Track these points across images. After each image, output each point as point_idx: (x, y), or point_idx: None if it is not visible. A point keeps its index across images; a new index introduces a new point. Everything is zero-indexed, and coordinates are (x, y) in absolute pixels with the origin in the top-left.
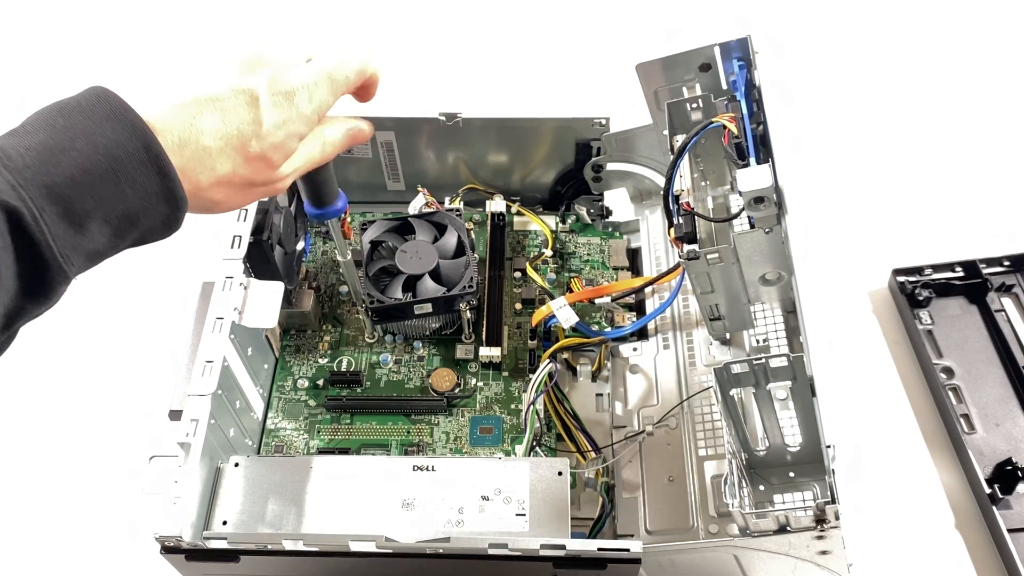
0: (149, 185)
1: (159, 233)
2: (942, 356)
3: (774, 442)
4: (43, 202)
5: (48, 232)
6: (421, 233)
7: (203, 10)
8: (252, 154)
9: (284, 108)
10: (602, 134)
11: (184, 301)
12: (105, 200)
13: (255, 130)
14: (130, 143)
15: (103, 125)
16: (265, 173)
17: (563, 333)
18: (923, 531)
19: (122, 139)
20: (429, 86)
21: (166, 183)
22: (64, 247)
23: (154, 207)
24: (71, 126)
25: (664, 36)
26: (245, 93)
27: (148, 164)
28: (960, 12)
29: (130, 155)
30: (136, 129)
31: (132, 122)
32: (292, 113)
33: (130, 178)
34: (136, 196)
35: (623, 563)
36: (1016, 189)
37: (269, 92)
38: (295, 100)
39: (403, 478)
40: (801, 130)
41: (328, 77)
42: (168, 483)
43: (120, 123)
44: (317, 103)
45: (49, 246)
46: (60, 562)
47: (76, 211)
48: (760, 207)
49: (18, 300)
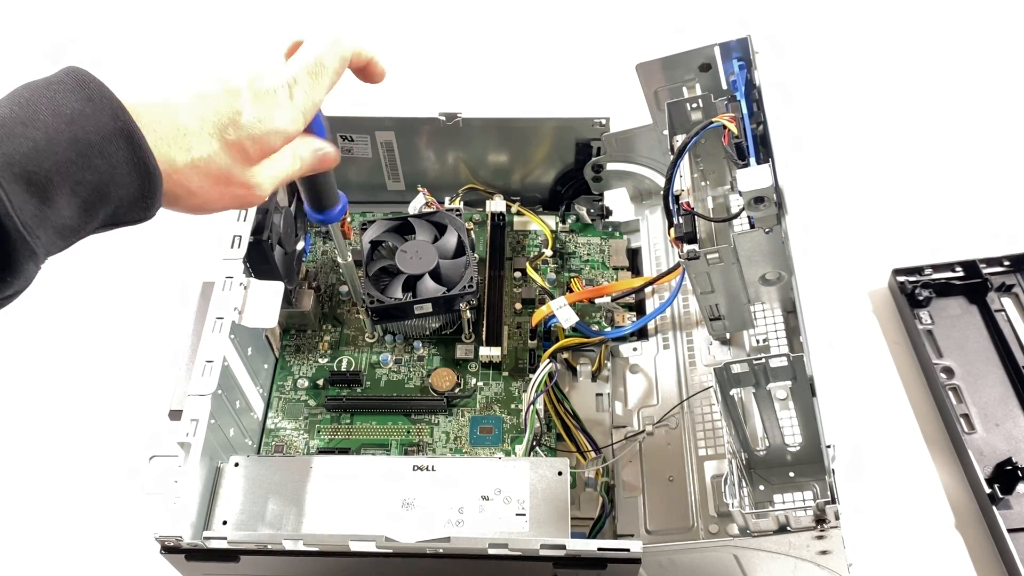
0: (118, 154)
1: (135, 211)
2: (942, 356)
3: (774, 442)
4: (2, 171)
5: (8, 200)
6: (421, 233)
7: (197, 14)
8: (229, 140)
9: (264, 105)
10: (602, 134)
11: (184, 301)
12: (70, 170)
13: (233, 118)
14: (98, 113)
15: (69, 97)
16: (241, 167)
17: (563, 333)
18: (923, 531)
19: (87, 109)
20: (429, 86)
21: (136, 153)
22: (27, 218)
23: (124, 178)
24: (36, 99)
25: (664, 36)
26: (225, 85)
27: (117, 133)
28: (960, 12)
29: (98, 125)
30: (104, 98)
31: (101, 93)
32: (272, 110)
33: (96, 147)
34: (105, 166)
35: (623, 563)
36: (1016, 189)
37: (249, 90)
38: (276, 97)
39: (403, 478)
40: (801, 130)
41: (307, 73)
42: (168, 483)
43: (87, 94)
44: (300, 100)
45: (9, 216)
46: (60, 562)
47: (39, 181)
48: (760, 207)
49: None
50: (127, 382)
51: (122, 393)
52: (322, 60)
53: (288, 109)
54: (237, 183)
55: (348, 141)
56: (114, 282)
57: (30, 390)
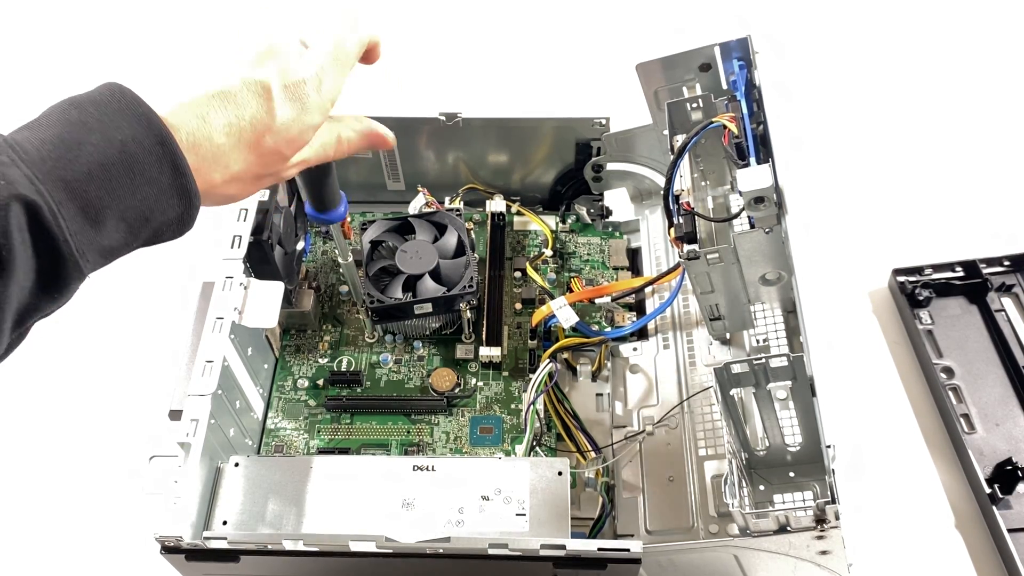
0: (163, 180)
1: (172, 231)
2: (942, 356)
3: (774, 442)
4: (61, 196)
5: (66, 227)
6: (421, 233)
7: (209, 7)
8: (266, 149)
9: (296, 101)
10: (602, 134)
11: (184, 301)
12: (121, 195)
13: (268, 123)
14: (145, 138)
15: (118, 119)
16: (276, 166)
17: (563, 333)
18: (923, 531)
19: (137, 134)
20: (429, 86)
21: (180, 180)
22: (81, 243)
23: (167, 204)
24: (85, 120)
25: (664, 36)
26: (256, 85)
27: (163, 159)
28: (960, 12)
29: (145, 150)
30: (151, 124)
31: (147, 117)
32: (305, 105)
33: (145, 174)
34: (151, 192)
35: (623, 563)
36: (1016, 189)
37: (281, 84)
38: (306, 90)
39: (403, 478)
40: (801, 130)
41: (333, 60)
42: (168, 483)
43: (135, 118)
44: (328, 90)
45: (67, 241)
46: (60, 562)
47: (93, 206)
48: (760, 207)
49: (33, 296)
50: (127, 382)
51: (122, 393)
52: (343, 45)
53: (317, 102)
54: (268, 178)
55: None
56: (114, 282)
57: (30, 390)
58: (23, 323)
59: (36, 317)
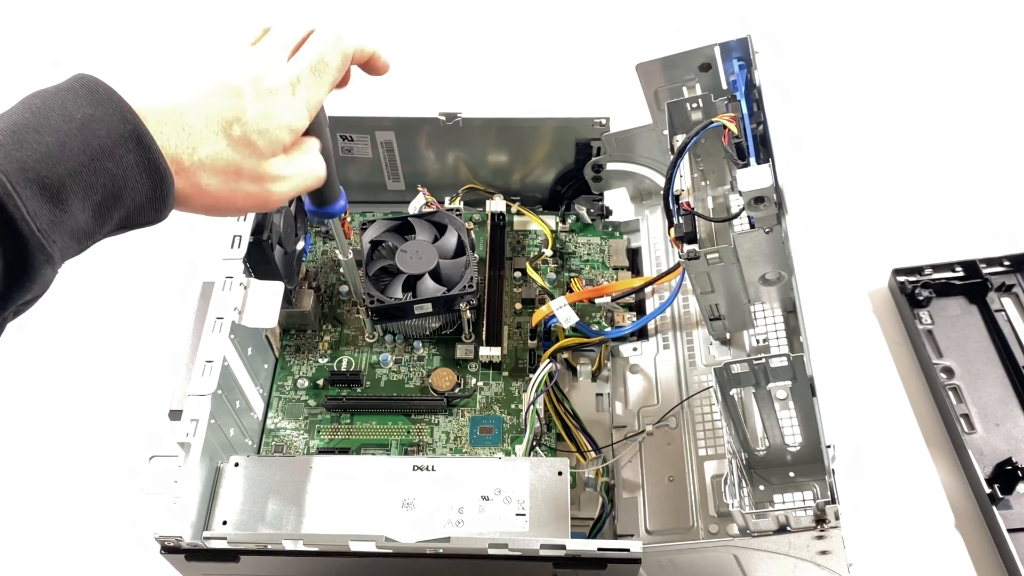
0: (128, 157)
1: (147, 213)
2: (942, 356)
3: (774, 442)
4: (16, 176)
5: (23, 207)
6: (421, 233)
7: (197, 12)
8: (235, 137)
9: (267, 102)
10: (602, 134)
11: (184, 301)
12: (82, 174)
13: (237, 115)
14: (107, 116)
15: (79, 102)
16: (251, 161)
17: (563, 333)
18: (923, 531)
19: (98, 113)
20: (429, 86)
21: (146, 154)
22: (43, 223)
23: (135, 181)
24: (47, 106)
25: (664, 36)
26: (227, 85)
27: (127, 137)
28: (960, 12)
29: (108, 129)
30: (112, 103)
31: (109, 97)
32: (276, 107)
33: (107, 151)
34: (116, 169)
35: (623, 563)
36: (1016, 189)
37: (252, 90)
38: (279, 95)
39: (403, 478)
40: (801, 130)
41: (310, 70)
42: (168, 483)
43: (97, 99)
44: (304, 96)
45: (25, 220)
46: (60, 562)
47: (53, 186)
48: (760, 207)
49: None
50: (127, 382)
51: (122, 393)
52: (324, 58)
53: (291, 106)
54: (248, 176)
55: (348, 141)
56: (114, 282)
57: (31, 390)
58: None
59: (8, 307)
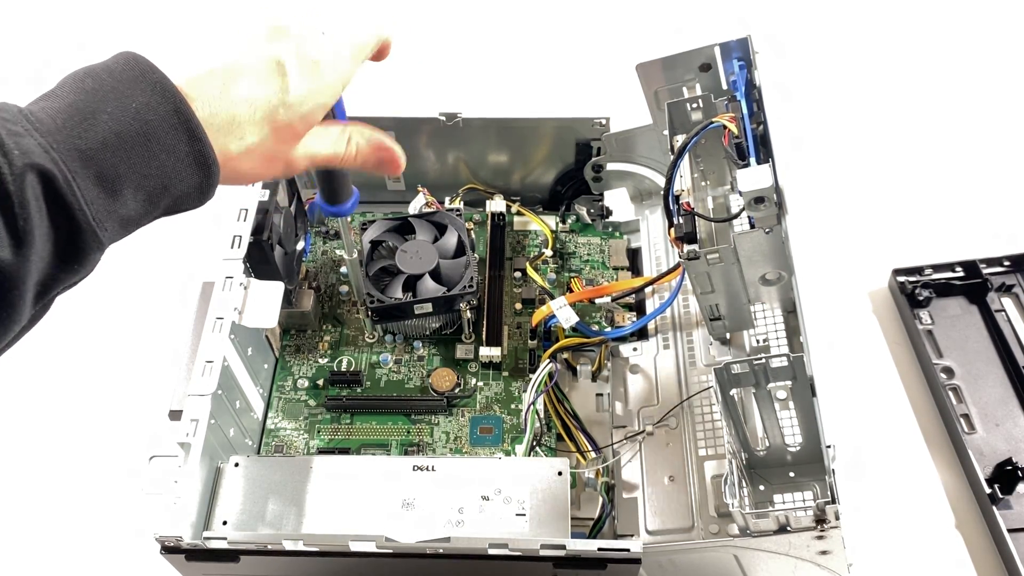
0: (180, 149)
1: (192, 200)
2: (942, 356)
3: (774, 442)
4: (76, 165)
5: (81, 196)
6: (421, 233)
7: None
8: (280, 123)
9: (311, 77)
10: (602, 134)
11: (184, 301)
12: (137, 165)
13: (283, 98)
14: (160, 106)
15: (133, 88)
16: (290, 144)
17: (563, 333)
18: (923, 531)
19: (152, 102)
20: (429, 86)
21: (197, 147)
22: (98, 212)
23: (186, 172)
24: (100, 88)
25: (664, 36)
26: (272, 61)
27: (179, 128)
28: (960, 12)
29: (161, 118)
30: (166, 92)
31: (162, 85)
32: (319, 83)
33: (161, 142)
34: (168, 160)
35: (623, 563)
36: (1016, 189)
37: (296, 61)
38: (321, 69)
39: (403, 478)
40: (801, 130)
41: (350, 45)
42: (168, 483)
43: (150, 86)
44: (340, 73)
45: (83, 210)
46: (60, 562)
47: (108, 175)
48: (760, 207)
49: (52, 267)
50: (127, 382)
51: (122, 393)
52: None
53: (329, 82)
54: (281, 159)
55: None
56: (114, 282)
57: (31, 390)
58: (44, 295)
59: (57, 289)
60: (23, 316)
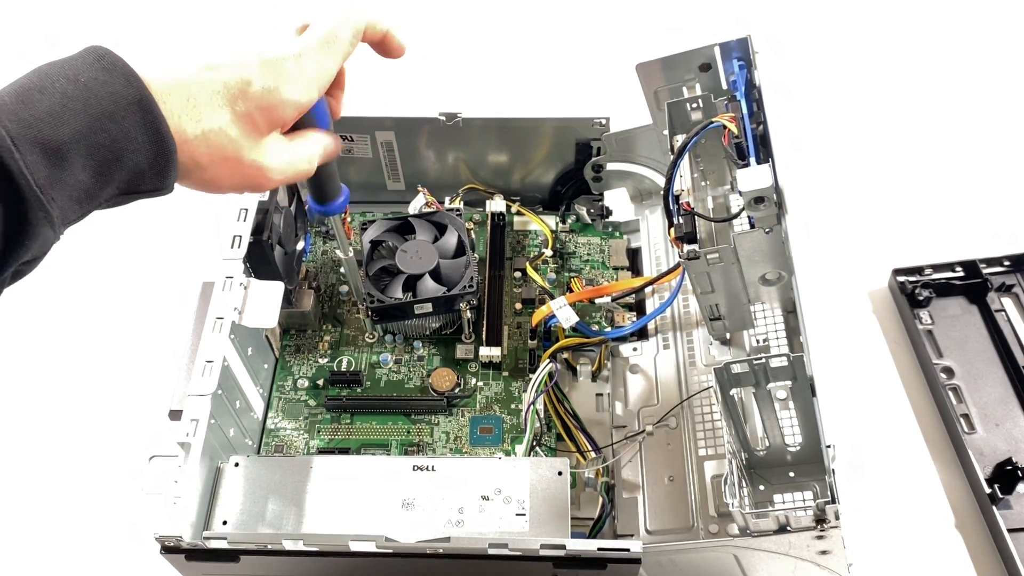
0: (131, 118)
1: (150, 179)
2: (942, 356)
3: (774, 442)
4: (17, 133)
5: (22, 162)
6: (421, 233)
7: (207, 9)
8: (239, 111)
9: (273, 73)
10: (602, 134)
11: (184, 301)
12: (83, 133)
13: (243, 88)
14: (112, 81)
15: (86, 68)
16: (251, 142)
17: (563, 333)
18: (923, 531)
19: (103, 77)
20: (429, 86)
21: (148, 118)
22: (41, 179)
23: (137, 143)
24: (54, 70)
25: (664, 36)
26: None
27: (130, 99)
28: (960, 12)
29: (112, 92)
30: (118, 69)
31: (115, 63)
32: (281, 79)
33: (110, 112)
34: (118, 130)
35: (623, 563)
36: (1016, 189)
37: (257, 59)
38: (285, 65)
39: (403, 478)
40: (801, 130)
41: (321, 43)
42: (168, 483)
43: (103, 65)
44: (311, 70)
45: (24, 175)
46: (60, 562)
47: (53, 143)
48: (760, 207)
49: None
50: (127, 382)
51: (122, 393)
52: (334, 30)
53: (298, 78)
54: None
55: (348, 141)
56: (114, 282)
57: (31, 390)
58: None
59: (7, 268)
60: None
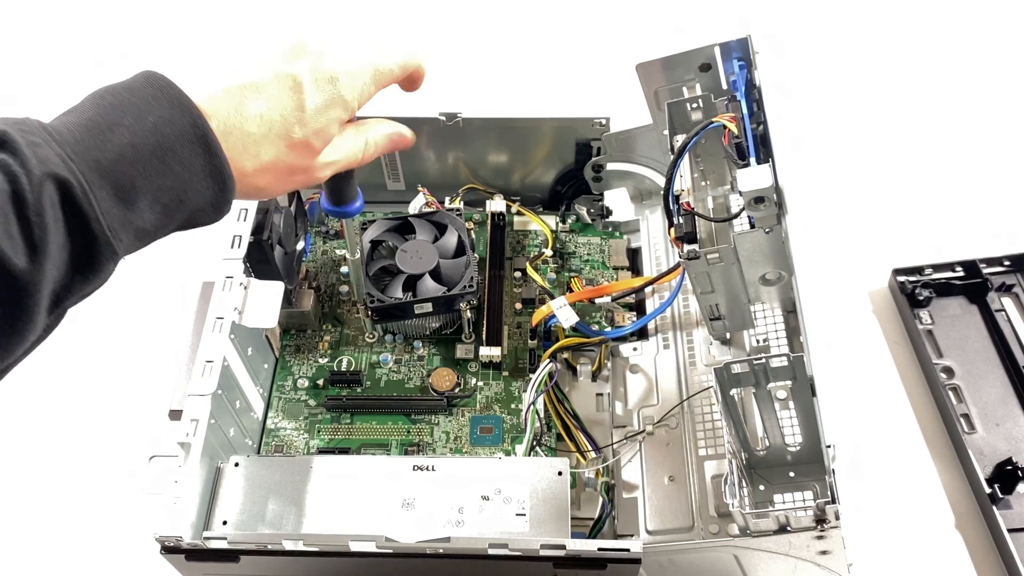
0: (196, 162)
1: (207, 215)
2: (942, 356)
3: (774, 442)
4: (92, 175)
5: (97, 205)
6: (421, 233)
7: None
8: (295, 140)
9: (326, 92)
10: (602, 134)
11: (184, 301)
12: (153, 176)
13: (298, 116)
14: (177, 121)
15: (151, 103)
16: (307, 159)
17: (563, 333)
18: (923, 531)
19: (169, 116)
20: (429, 86)
21: (213, 161)
22: (112, 221)
23: (201, 185)
24: (119, 104)
25: (664, 36)
26: (288, 79)
27: (195, 142)
28: (960, 12)
29: (178, 133)
30: (183, 107)
31: (179, 100)
32: (334, 98)
33: (177, 155)
34: (184, 173)
35: (623, 563)
36: (1016, 189)
37: (311, 77)
38: (338, 85)
39: (403, 478)
40: (801, 130)
41: (372, 66)
42: (168, 483)
43: (167, 101)
44: (359, 90)
45: (98, 219)
46: (60, 562)
47: (125, 186)
48: (760, 207)
49: (67, 276)
50: (127, 382)
51: (122, 393)
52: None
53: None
54: (301, 171)
55: None
56: (114, 282)
57: (30, 390)
58: (59, 305)
59: (71, 299)
60: (38, 325)
